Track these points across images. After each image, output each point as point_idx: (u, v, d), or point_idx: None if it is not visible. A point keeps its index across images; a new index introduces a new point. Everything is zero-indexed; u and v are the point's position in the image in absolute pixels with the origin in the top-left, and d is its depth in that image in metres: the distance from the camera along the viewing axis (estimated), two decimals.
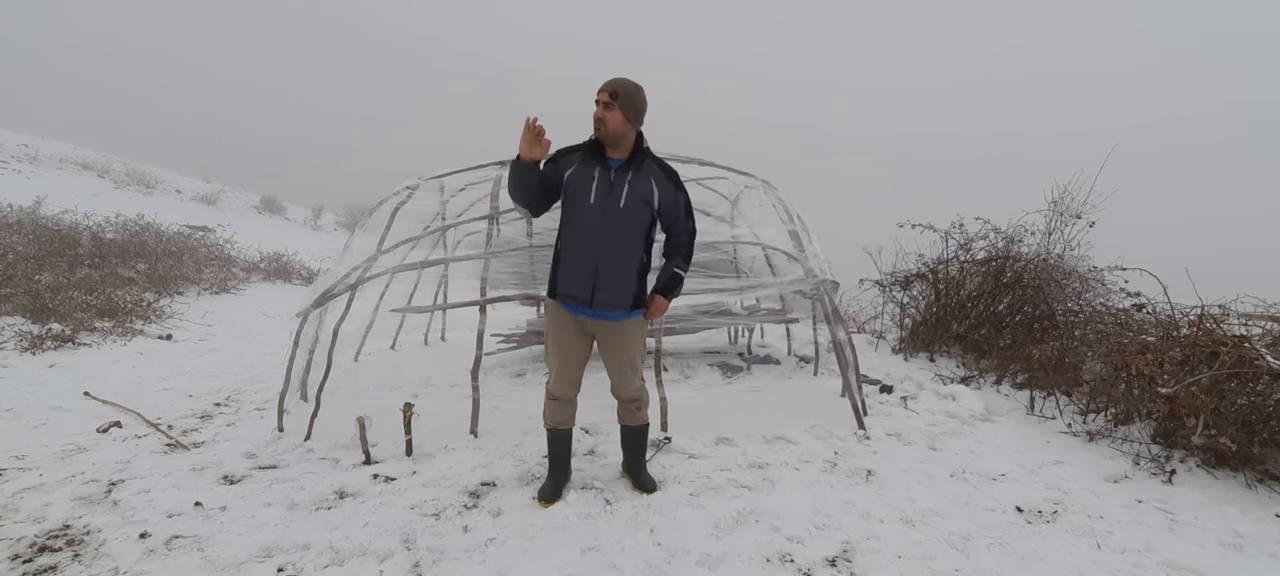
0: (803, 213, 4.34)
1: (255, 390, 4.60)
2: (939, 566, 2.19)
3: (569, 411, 2.64)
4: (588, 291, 2.38)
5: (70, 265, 7.19)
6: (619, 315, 2.45)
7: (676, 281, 2.54)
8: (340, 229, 18.39)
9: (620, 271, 2.39)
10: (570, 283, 2.41)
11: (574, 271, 2.40)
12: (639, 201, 2.38)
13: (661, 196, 2.42)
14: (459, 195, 4.85)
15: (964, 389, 4.33)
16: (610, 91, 2.29)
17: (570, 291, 2.41)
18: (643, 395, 2.65)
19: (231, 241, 10.77)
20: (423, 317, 6.71)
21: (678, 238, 2.52)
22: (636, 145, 2.41)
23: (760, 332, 6.62)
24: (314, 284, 3.83)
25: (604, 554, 2.22)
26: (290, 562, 2.16)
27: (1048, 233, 5.45)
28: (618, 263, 2.39)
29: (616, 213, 2.35)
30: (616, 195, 2.35)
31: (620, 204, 2.35)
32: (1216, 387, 3.07)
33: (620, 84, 2.32)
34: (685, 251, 2.53)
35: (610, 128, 2.31)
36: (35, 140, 16.36)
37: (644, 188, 2.38)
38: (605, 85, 2.32)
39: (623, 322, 2.48)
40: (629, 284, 2.42)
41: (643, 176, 2.39)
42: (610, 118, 2.30)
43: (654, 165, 2.44)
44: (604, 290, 2.38)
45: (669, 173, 2.47)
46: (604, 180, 2.36)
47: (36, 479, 2.80)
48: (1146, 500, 2.77)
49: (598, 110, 2.31)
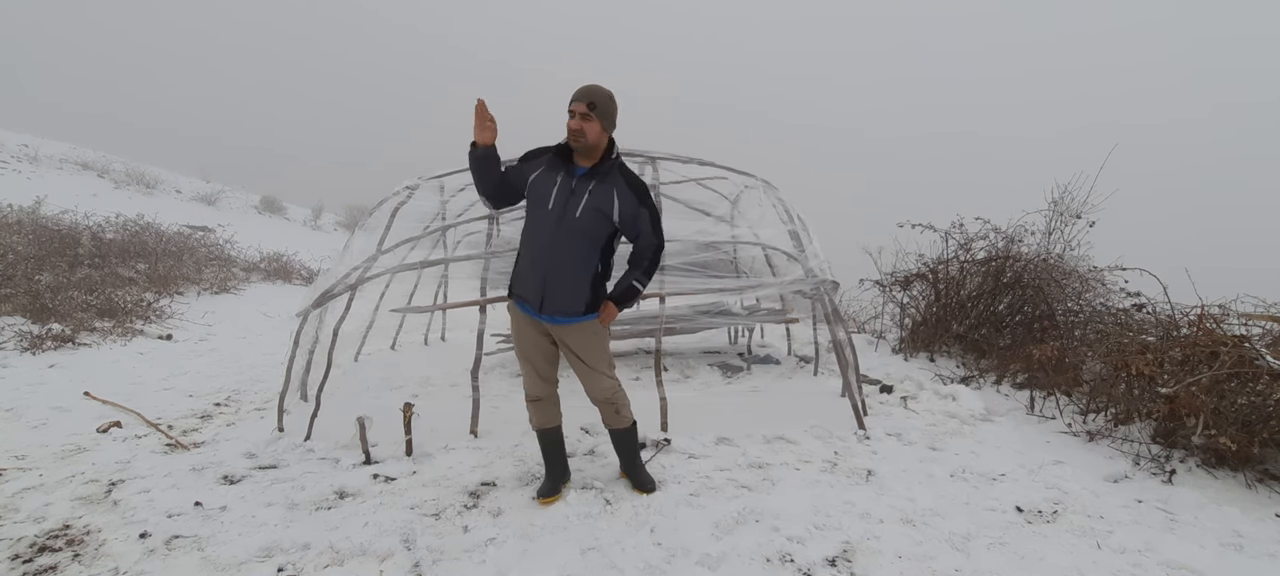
0: (803, 212, 4.35)
1: (255, 390, 4.60)
2: (939, 566, 2.19)
3: (551, 410, 2.63)
4: (537, 296, 2.39)
5: (70, 265, 7.19)
6: (570, 320, 2.43)
7: (632, 292, 2.49)
8: (340, 229, 18.39)
9: (569, 280, 2.36)
10: (523, 285, 2.44)
11: (526, 275, 2.42)
12: (596, 212, 2.33)
13: (622, 209, 2.35)
14: (459, 195, 4.85)
15: (964, 389, 4.33)
16: (588, 102, 2.26)
17: (522, 293, 2.45)
18: (617, 397, 2.60)
19: (231, 241, 10.77)
20: (423, 317, 6.70)
21: (641, 251, 2.48)
22: (606, 153, 2.36)
23: (760, 332, 6.62)
24: (314, 284, 3.83)
25: (604, 554, 2.22)
26: (290, 562, 2.16)
27: (1048, 233, 5.45)
28: (568, 272, 2.36)
29: (572, 221, 2.31)
30: (574, 204, 2.31)
31: (577, 213, 2.31)
32: (1216, 387, 3.07)
33: (597, 93, 2.28)
34: (646, 264, 2.48)
35: (589, 138, 2.28)
36: (35, 140, 16.36)
37: (603, 199, 2.33)
38: (581, 95, 2.28)
39: (575, 326, 2.46)
40: (581, 292, 2.39)
41: (605, 187, 2.34)
42: (589, 128, 2.27)
43: (619, 176, 2.37)
44: (553, 296, 2.37)
45: (634, 185, 2.39)
46: (565, 187, 2.32)
47: (36, 479, 2.80)
48: (1146, 500, 2.77)
49: (574, 121, 2.27)
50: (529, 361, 2.56)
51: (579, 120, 2.26)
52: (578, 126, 2.26)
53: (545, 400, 2.61)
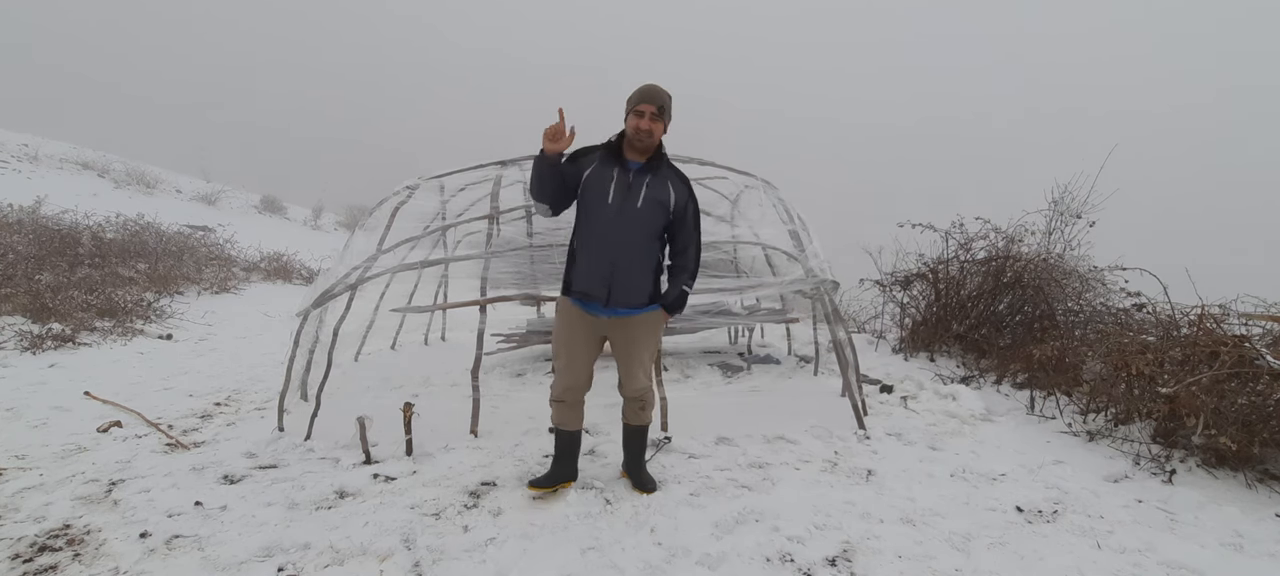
0: (802, 212, 4.35)
1: (255, 390, 4.60)
2: (939, 566, 2.19)
3: (579, 412, 2.63)
4: (604, 290, 2.42)
5: (70, 265, 7.19)
6: (634, 311, 2.49)
7: (683, 298, 2.58)
8: (340, 229, 18.40)
9: (636, 270, 2.44)
10: (587, 281, 2.44)
11: (591, 270, 2.43)
12: (655, 203, 2.43)
13: (676, 200, 2.47)
14: (459, 195, 4.86)
15: (964, 389, 4.33)
16: (658, 105, 2.37)
17: (587, 289, 2.45)
18: (648, 396, 2.66)
19: (231, 241, 10.78)
20: (423, 317, 6.70)
21: (685, 253, 2.55)
22: (657, 149, 2.46)
23: (760, 332, 6.62)
24: (314, 284, 3.83)
25: (604, 553, 2.21)
26: (290, 562, 2.16)
27: (1048, 232, 5.45)
28: (634, 262, 2.43)
29: (633, 213, 2.40)
30: (634, 196, 2.40)
31: (638, 205, 2.40)
32: (1216, 387, 3.07)
33: (663, 95, 2.40)
34: (692, 268, 2.58)
35: (655, 139, 2.40)
36: (35, 140, 16.37)
37: (661, 190, 2.44)
38: (650, 97, 2.38)
39: (638, 318, 2.51)
40: (645, 282, 2.48)
41: (660, 179, 2.45)
42: (656, 130, 2.39)
43: (670, 169, 2.51)
44: (620, 288, 2.42)
45: (683, 178, 2.54)
46: (623, 181, 2.41)
47: (37, 478, 2.80)
48: (1146, 500, 2.77)
49: (644, 122, 2.36)
50: (576, 360, 2.54)
51: (649, 121, 2.36)
52: (648, 127, 2.37)
53: (573, 404, 2.60)
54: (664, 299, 2.55)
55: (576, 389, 2.58)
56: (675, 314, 2.59)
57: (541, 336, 5.29)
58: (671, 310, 2.56)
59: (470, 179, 4.33)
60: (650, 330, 2.57)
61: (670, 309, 2.56)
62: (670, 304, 2.55)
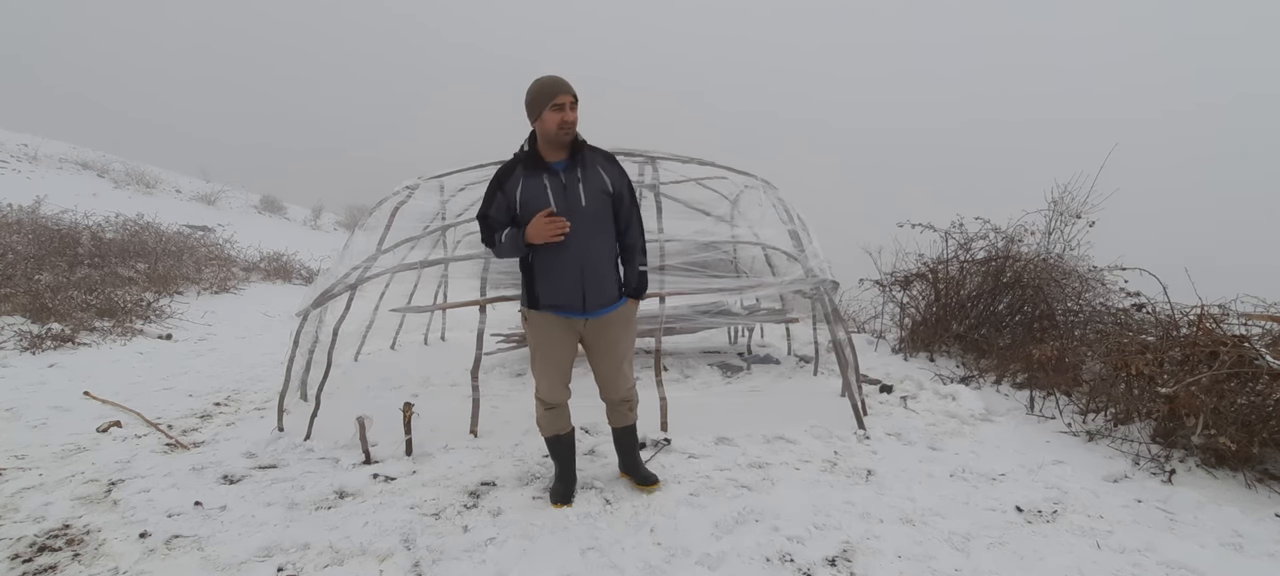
0: (802, 212, 4.35)
1: (255, 390, 4.60)
2: (939, 566, 2.19)
3: (566, 416, 2.61)
4: (578, 296, 2.36)
5: (70, 265, 7.18)
6: (610, 309, 2.45)
7: (645, 280, 2.56)
8: (340, 229, 18.40)
9: (604, 267, 2.40)
10: (557, 293, 2.37)
11: (559, 280, 2.36)
12: (599, 194, 2.36)
13: (613, 181, 2.40)
14: (459, 195, 4.85)
15: (964, 389, 4.33)
16: (573, 94, 2.28)
17: (559, 301, 2.38)
18: (633, 394, 2.64)
19: (231, 241, 10.78)
20: (422, 317, 6.70)
21: (630, 230, 2.49)
22: (573, 141, 2.36)
23: (760, 332, 6.62)
24: (314, 284, 3.83)
25: (604, 553, 2.22)
26: (290, 562, 2.16)
27: (1048, 232, 5.45)
28: (600, 259, 2.38)
29: (582, 212, 2.32)
30: (575, 195, 2.32)
31: (583, 202, 2.32)
32: (1216, 387, 3.07)
33: (570, 84, 2.31)
34: (641, 244, 2.54)
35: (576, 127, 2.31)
36: (35, 140, 16.37)
37: (597, 179, 2.37)
38: (565, 86, 2.28)
39: (615, 315, 2.47)
40: (614, 275, 2.45)
41: (591, 169, 2.37)
42: (576, 117, 2.31)
43: (596, 155, 2.42)
44: (594, 290, 2.38)
45: (609, 156, 2.46)
46: (557, 185, 2.31)
47: (36, 478, 2.80)
48: (1146, 500, 2.77)
49: (566, 113, 2.26)
50: (557, 368, 2.50)
51: (570, 110, 2.28)
52: (573, 117, 2.28)
53: (562, 407, 2.58)
54: (628, 288, 2.51)
55: (563, 391, 2.54)
56: (641, 297, 2.55)
57: None
58: (638, 295, 2.53)
59: (470, 179, 4.33)
60: (627, 325, 2.54)
61: (637, 295, 2.53)
62: (636, 290, 2.52)
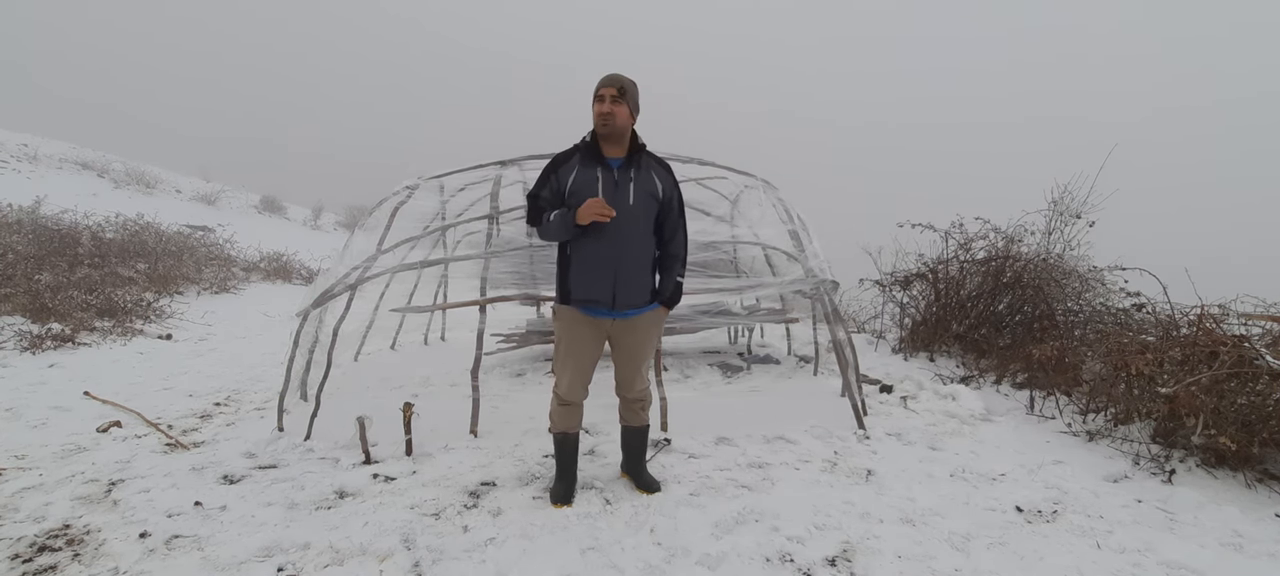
0: (802, 212, 4.35)
1: (255, 390, 4.60)
2: (939, 566, 2.19)
3: (578, 415, 2.61)
4: (609, 293, 2.37)
5: (70, 265, 7.18)
6: (639, 311, 2.47)
7: (679, 291, 2.56)
8: (340, 229, 18.40)
9: (638, 268, 2.41)
10: (589, 287, 2.38)
11: (592, 275, 2.37)
12: (646, 196, 2.39)
13: (664, 189, 2.44)
14: (459, 195, 4.86)
15: (964, 389, 4.33)
16: (618, 87, 2.31)
17: (590, 296, 2.39)
18: (648, 395, 2.66)
19: (231, 241, 10.78)
20: (423, 317, 6.70)
21: (675, 240, 2.52)
22: (633, 141, 2.41)
23: (760, 332, 6.62)
24: (314, 284, 3.83)
25: (604, 553, 2.21)
26: (290, 562, 2.16)
27: (1048, 232, 5.45)
28: (636, 261, 2.40)
29: (627, 210, 2.35)
30: (624, 193, 2.35)
31: (630, 201, 2.35)
32: (1216, 387, 3.07)
33: (623, 79, 2.35)
34: (682, 255, 2.56)
35: (618, 122, 2.33)
36: (35, 140, 16.37)
37: (648, 182, 2.40)
38: (610, 80, 2.33)
39: (643, 318, 2.49)
40: (647, 280, 2.45)
41: (644, 171, 2.41)
42: (618, 112, 2.32)
43: (651, 160, 2.47)
44: (625, 289, 2.38)
45: (665, 165, 2.51)
46: (609, 180, 2.35)
47: (36, 478, 2.80)
48: (1146, 500, 2.77)
49: (604, 105, 2.31)
50: (579, 367, 2.50)
51: (609, 104, 2.30)
52: (609, 110, 2.31)
53: (577, 406, 2.57)
54: (661, 295, 2.53)
55: (581, 389, 2.54)
56: (673, 307, 2.57)
57: (541, 336, 5.29)
58: (670, 304, 2.54)
59: (470, 179, 4.33)
60: (654, 329, 2.56)
61: (669, 303, 2.54)
62: (668, 298, 2.53)
